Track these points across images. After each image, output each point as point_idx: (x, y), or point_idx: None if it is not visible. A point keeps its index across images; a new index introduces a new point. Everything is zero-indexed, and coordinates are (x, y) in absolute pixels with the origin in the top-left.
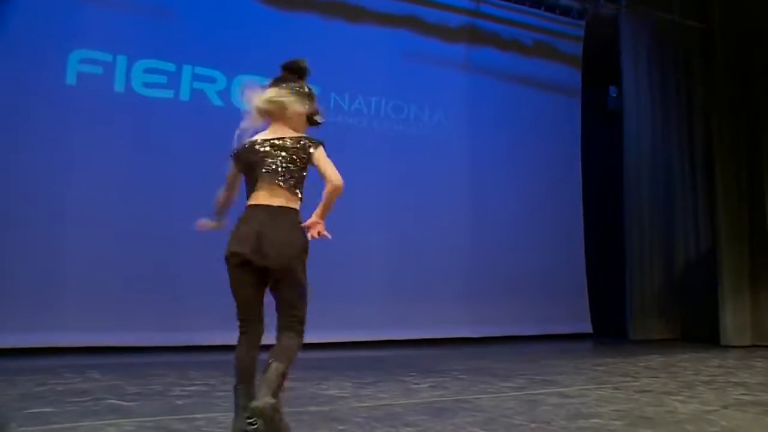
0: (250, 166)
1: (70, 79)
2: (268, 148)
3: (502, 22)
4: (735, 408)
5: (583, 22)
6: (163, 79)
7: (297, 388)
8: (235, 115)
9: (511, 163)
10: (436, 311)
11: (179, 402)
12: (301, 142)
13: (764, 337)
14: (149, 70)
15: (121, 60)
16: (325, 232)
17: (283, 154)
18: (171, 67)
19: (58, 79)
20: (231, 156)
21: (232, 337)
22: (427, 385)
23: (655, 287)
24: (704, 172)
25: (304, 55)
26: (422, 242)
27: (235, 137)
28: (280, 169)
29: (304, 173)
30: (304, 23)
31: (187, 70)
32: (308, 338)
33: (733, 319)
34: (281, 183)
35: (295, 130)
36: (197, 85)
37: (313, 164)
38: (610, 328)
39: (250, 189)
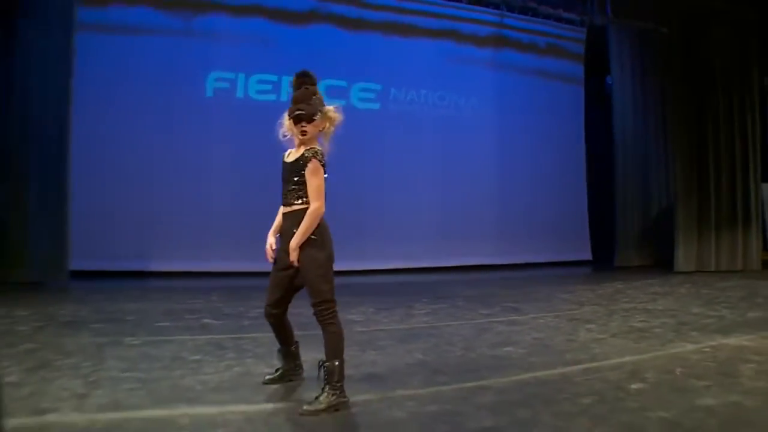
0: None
1: (209, 93)
2: None
3: (521, 31)
4: (619, 336)
5: (584, 29)
6: (269, 87)
7: None
8: None
9: (529, 135)
10: (471, 245)
11: (246, 323)
12: None
13: (704, 266)
14: (260, 81)
15: (241, 76)
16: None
17: None
18: (274, 78)
19: (201, 93)
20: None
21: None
22: (425, 311)
23: (636, 226)
24: (672, 142)
25: (371, 63)
26: (460, 195)
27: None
28: None
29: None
30: (369, 40)
31: (285, 80)
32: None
33: (684, 252)
34: None
35: None
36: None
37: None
38: (605, 257)
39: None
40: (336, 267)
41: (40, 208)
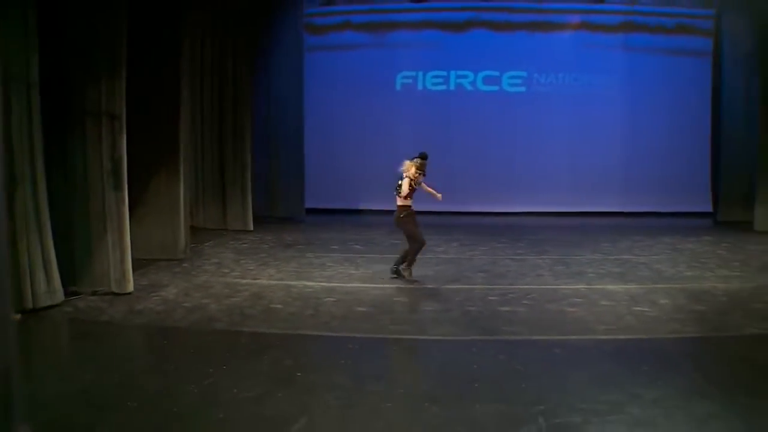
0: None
1: (398, 87)
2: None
3: (650, 15)
4: (558, 275)
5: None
6: (441, 80)
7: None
8: (476, 93)
9: (656, 104)
10: (599, 194)
11: (377, 247)
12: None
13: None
14: (434, 76)
15: (420, 74)
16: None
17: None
18: (444, 73)
19: (392, 88)
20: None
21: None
22: (485, 248)
23: (740, 185)
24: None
25: (518, 55)
26: (593, 154)
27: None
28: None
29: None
30: (516, 38)
31: (452, 74)
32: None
33: (763, 212)
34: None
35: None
36: (458, 80)
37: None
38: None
39: None
40: (490, 209)
41: (287, 169)
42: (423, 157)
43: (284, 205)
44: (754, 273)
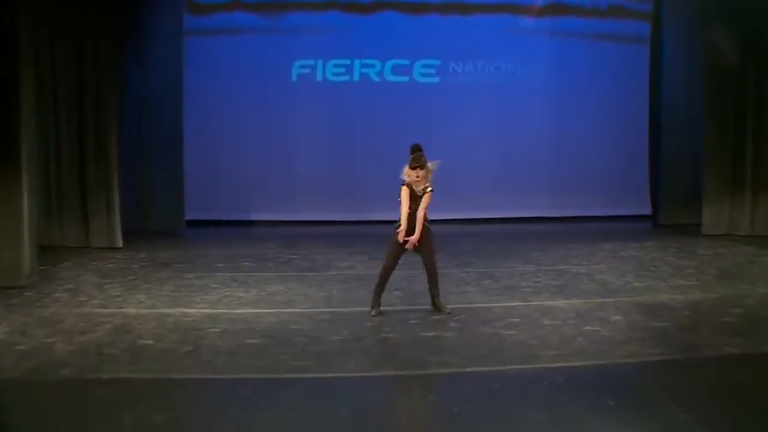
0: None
1: (294, 78)
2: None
3: None
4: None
5: None
6: (343, 70)
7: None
8: (384, 85)
9: (590, 96)
10: (526, 198)
11: (269, 265)
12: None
13: (737, 229)
14: (335, 65)
15: (320, 62)
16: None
17: None
18: (347, 62)
19: (287, 79)
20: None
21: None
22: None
23: (681, 184)
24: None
25: (430, 41)
26: (517, 152)
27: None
28: None
29: None
30: (430, 21)
31: (357, 62)
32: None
33: (711, 215)
34: None
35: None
36: (363, 70)
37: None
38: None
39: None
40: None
41: (163, 175)
42: (413, 150)
43: (160, 216)
44: (713, 282)
